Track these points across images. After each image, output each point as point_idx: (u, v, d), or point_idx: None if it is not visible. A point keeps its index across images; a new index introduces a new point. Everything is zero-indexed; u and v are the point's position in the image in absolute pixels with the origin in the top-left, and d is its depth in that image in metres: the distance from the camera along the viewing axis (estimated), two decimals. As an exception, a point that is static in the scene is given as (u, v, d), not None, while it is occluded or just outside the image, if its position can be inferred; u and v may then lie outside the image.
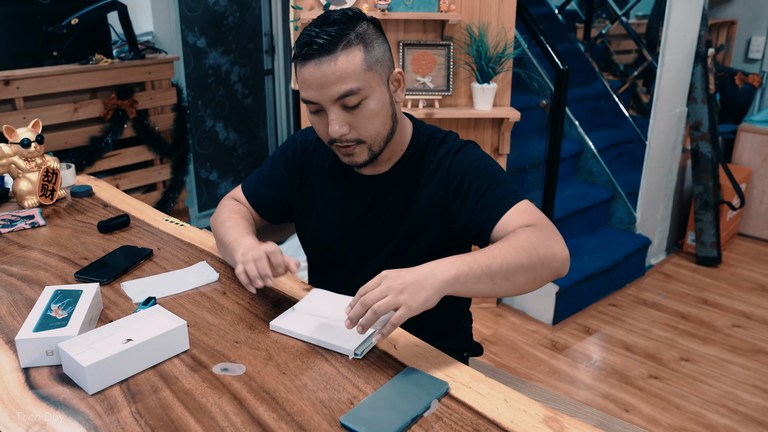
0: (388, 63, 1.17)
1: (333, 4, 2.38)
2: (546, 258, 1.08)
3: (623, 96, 3.97)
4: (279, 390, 0.96)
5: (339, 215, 1.31)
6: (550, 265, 1.10)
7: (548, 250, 1.09)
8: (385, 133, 1.19)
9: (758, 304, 3.04)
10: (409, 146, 1.27)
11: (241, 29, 3.83)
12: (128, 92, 2.90)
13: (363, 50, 1.11)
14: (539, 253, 1.08)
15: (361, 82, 1.10)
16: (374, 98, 1.14)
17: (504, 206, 1.17)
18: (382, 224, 1.27)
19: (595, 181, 3.41)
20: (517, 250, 1.06)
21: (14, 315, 1.17)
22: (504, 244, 1.08)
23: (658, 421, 2.22)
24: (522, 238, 1.09)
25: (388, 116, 1.18)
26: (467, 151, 1.24)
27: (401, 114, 1.25)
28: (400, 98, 1.21)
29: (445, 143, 1.26)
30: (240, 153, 4.05)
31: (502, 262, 1.04)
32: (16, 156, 1.66)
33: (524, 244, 1.07)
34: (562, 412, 0.93)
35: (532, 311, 2.91)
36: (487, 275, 1.02)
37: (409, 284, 0.96)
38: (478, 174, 1.21)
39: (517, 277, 1.06)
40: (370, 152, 1.19)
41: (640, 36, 4.17)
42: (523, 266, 1.06)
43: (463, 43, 2.54)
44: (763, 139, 3.71)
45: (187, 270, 1.35)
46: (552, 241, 1.11)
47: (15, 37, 2.65)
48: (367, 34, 1.13)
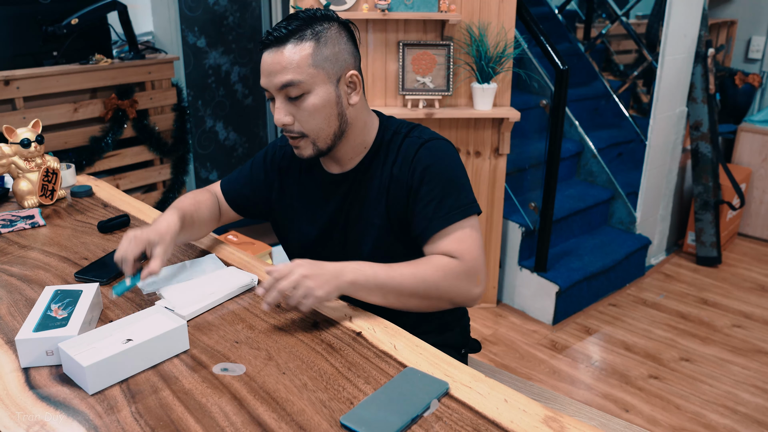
0: (341, 64, 1.19)
1: (333, 4, 2.38)
2: (446, 295, 1.16)
3: (623, 96, 3.97)
4: (279, 390, 0.96)
5: (315, 215, 1.34)
6: (452, 301, 1.17)
7: (452, 288, 1.15)
8: (330, 131, 1.21)
9: (758, 304, 3.04)
10: (374, 143, 1.28)
11: (241, 29, 3.83)
12: (128, 92, 2.90)
13: (313, 46, 1.15)
14: (439, 289, 1.14)
15: (303, 75, 1.15)
16: (316, 94, 1.17)
17: (443, 223, 1.19)
18: (355, 221, 1.30)
19: (595, 181, 3.41)
20: (418, 279, 1.13)
21: (14, 315, 1.17)
22: (410, 269, 1.14)
23: (658, 421, 2.22)
24: (429, 271, 1.14)
25: (333, 115, 1.20)
26: (431, 147, 1.24)
27: (358, 115, 1.25)
28: (353, 100, 1.21)
29: (410, 137, 1.26)
30: (240, 153, 4.05)
31: (398, 286, 1.12)
32: (16, 156, 1.66)
33: (428, 277, 1.14)
34: (562, 412, 0.93)
35: (532, 311, 2.91)
36: (380, 291, 1.12)
37: (317, 276, 1.08)
38: (432, 177, 1.21)
39: (410, 301, 1.15)
40: (314, 147, 1.22)
41: (640, 36, 4.17)
42: (417, 295, 1.14)
43: (463, 43, 2.54)
44: (763, 139, 3.71)
45: (217, 273, 1.31)
46: (461, 279, 1.16)
47: (15, 37, 2.65)
48: (325, 33, 1.17)
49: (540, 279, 2.84)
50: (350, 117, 1.23)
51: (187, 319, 1.15)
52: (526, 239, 2.92)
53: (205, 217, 1.41)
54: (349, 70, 1.20)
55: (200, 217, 1.39)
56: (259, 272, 1.35)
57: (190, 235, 1.39)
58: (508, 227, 2.94)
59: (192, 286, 1.25)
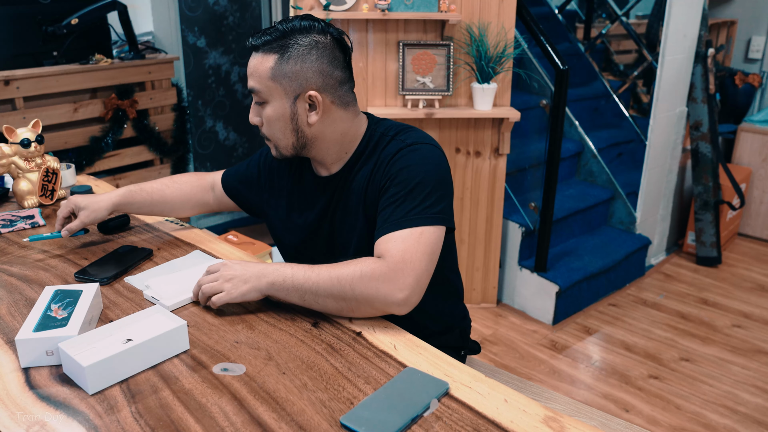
0: (301, 82, 1.18)
1: (333, 4, 2.38)
2: (362, 296, 1.10)
3: (623, 96, 3.97)
4: (279, 390, 0.96)
5: (303, 216, 1.35)
6: (370, 304, 1.11)
7: (367, 289, 1.10)
8: (287, 142, 1.24)
9: (758, 304, 3.04)
10: (359, 146, 1.28)
11: (241, 29, 3.83)
12: (128, 92, 2.90)
13: (275, 60, 1.18)
14: (354, 290, 1.10)
15: (261, 86, 1.20)
16: (271, 106, 1.21)
17: (393, 226, 1.14)
18: (341, 223, 1.30)
19: (595, 181, 3.41)
20: (332, 280, 1.11)
21: (14, 315, 1.17)
22: (328, 269, 1.13)
23: (658, 421, 2.22)
24: (347, 271, 1.11)
25: (288, 129, 1.22)
26: (411, 150, 1.21)
27: (324, 130, 1.23)
28: (312, 120, 1.21)
29: (395, 140, 1.25)
30: (240, 153, 4.05)
31: (313, 286, 1.12)
32: (16, 156, 1.66)
33: (343, 277, 1.11)
34: (562, 412, 0.93)
35: (532, 311, 2.91)
36: (297, 291, 1.14)
37: (237, 276, 1.15)
38: (401, 180, 1.18)
39: (327, 302, 1.13)
40: (277, 151, 1.28)
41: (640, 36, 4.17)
42: (333, 296, 1.12)
43: (463, 43, 2.54)
44: (763, 139, 3.71)
45: (203, 266, 1.34)
46: (380, 282, 1.09)
47: (15, 37, 2.65)
48: (292, 48, 1.17)
49: (540, 279, 2.84)
50: (311, 133, 1.23)
51: (171, 309, 1.19)
52: (526, 239, 2.92)
53: (175, 197, 1.52)
54: (310, 90, 1.19)
55: (165, 196, 1.51)
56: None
57: (147, 210, 1.52)
58: (508, 227, 2.94)
59: (178, 278, 1.28)
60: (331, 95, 1.21)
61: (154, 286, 1.24)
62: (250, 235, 2.90)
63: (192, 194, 1.53)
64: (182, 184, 1.53)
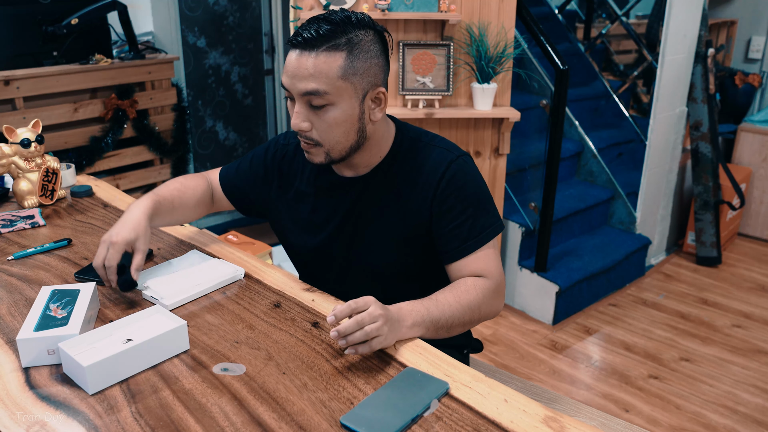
0: (371, 79, 1.14)
1: (333, 4, 2.38)
2: (485, 315, 1.21)
3: (623, 96, 3.97)
4: (279, 390, 0.96)
5: (322, 218, 1.31)
6: (484, 319, 1.22)
7: (490, 308, 1.21)
8: (347, 145, 1.18)
9: (758, 304, 3.04)
10: (391, 150, 1.26)
11: (241, 29, 3.82)
12: (128, 92, 2.90)
13: (345, 58, 1.10)
14: (481, 312, 1.19)
15: (329, 87, 1.10)
16: (340, 107, 1.13)
17: (473, 245, 1.22)
18: (367, 224, 1.27)
19: (595, 181, 3.41)
20: (465, 308, 1.16)
21: (14, 315, 1.17)
22: (455, 299, 1.16)
23: (658, 421, 2.22)
24: (471, 296, 1.17)
25: (353, 130, 1.17)
26: (461, 166, 1.23)
27: (377, 129, 1.22)
28: (376, 117, 1.18)
29: (438, 147, 1.24)
30: (240, 153, 4.05)
31: (449, 319, 1.14)
32: (16, 156, 1.66)
33: (472, 304, 1.17)
34: (562, 412, 0.93)
35: (532, 311, 2.91)
36: (434, 328, 1.13)
37: (390, 320, 1.04)
38: (465, 197, 1.21)
39: (456, 330, 1.17)
40: (327, 156, 1.19)
41: (640, 36, 4.17)
42: (465, 323, 1.17)
43: (463, 43, 2.54)
44: (763, 139, 3.71)
45: (202, 265, 1.35)
46: (495, 299, 1.21)
47: (15, 37, 2.65)
48: (359, 43, 1.11)
49: (540, 279, 2.84)
50: (369, 132, 1.20)
51: (171, 309, 1.18)
52: (526, 239, 2.92)
53: (190, 203, 1.41)
54: (378, 86, 1.16)
55: (184, 202, 1.40)
56: (250, 268, 1.35)
57: (170, 220, 1.40)
58: (508, 227, 2.94)
59: (177, 277, 1.28)
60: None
61: (153, 286, 1.24)
62: (250, 235, 2.90)
63: (203, 197, 1.44)
64: (194, 189, 1.42)
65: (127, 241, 1.21)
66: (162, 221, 1.37)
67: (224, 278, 1.29)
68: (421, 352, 1.06)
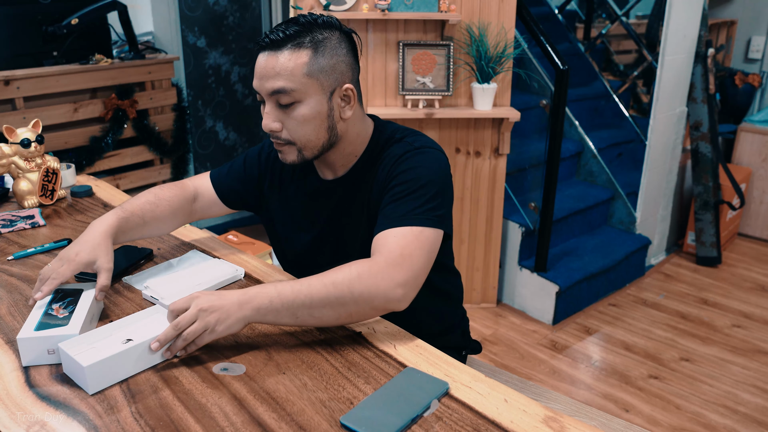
0: (338, 76, 1.15)
1: (333, 4, 2.38)
2: (362, 296, 1.04)
3: (623, 96, 3.97)
4: (279, 390, 0.96)
5: (307, 221, 1.32)
6: (370, 303, 1.05)
7: (367, 287, 1.04)
8: (318, 143, 1.18)
9: (758, 304, 3.04)
10: (366, 149, 1.26)
11: (241, 29, 3.83)
12: (128, 92, 2.90)
13: (310, 55, 1.11)
14: (353, 291, 1.04)
15: (295, 84, 1.11)
16: (307, 104, 1.14)
17: (393, 223, 1.11)
18: (348, 227, 1.27)
19: (595, 181, 3.41)
20: (327, 286, 1.04)
21: (14, 315, 1.17)
22: (317, 278, 1.05)
23: (658, 421, 2.22)
24: (341, 273, 1.05)
25: (323, 128, 1.17)
26: (417, 154, 1.19)
27: (349, 128, 1.22)
28: (346, 115, 1.18)
29: (402, 142, 1.23)
30: (240, 153, 4.05)
31: (306, 299, 1.03)
32: (16, 156, 1.66)
33: (338, 281, 1.04)
34: (562, 412, 0.93)
35: (532, 311, 2.91)
36: (288, 310, 1.03)
37: (218, 310, 1.01)
38: (405, 180, 1.16)
39: (324, 312, 1.05)
40: (300, 155, 1.19)
41: (640, 36, 4.17)
42: (330, 303, 1.04)
43: (463, 43, 2.55)
44: (763, 139, 3.71)
45: (201, 265, 1.35)
46: (378, 278, 1.05)
47: (15, 37, 2.65)
48: (324, 41, 1.13)
49: (540, 279, 2.84)
50: (341, 130, 1.20)
51: None
52: (526, 239, 2.92)
53: (165, 215, 1.35)
54: (345, 83, 1.17)
55: (157, 215, 1.34)
56: (250, 268, 1.35)
57: (141, 234, 1.34)
58: (508, 227, 2.94)
59: (177, 277, 1.28)
60: (357, 89, 1.20)
61: (153, 286, 1.25)
62: (250, 235, 2.90)
63: (180, 208, 1.38)
64: (170, 200, 1.36)
65: (85, 263, 1.16)
66: (130, 237, 1.31)
67: (224, 278, 1.29)
68: (421, 352, 1.06)
